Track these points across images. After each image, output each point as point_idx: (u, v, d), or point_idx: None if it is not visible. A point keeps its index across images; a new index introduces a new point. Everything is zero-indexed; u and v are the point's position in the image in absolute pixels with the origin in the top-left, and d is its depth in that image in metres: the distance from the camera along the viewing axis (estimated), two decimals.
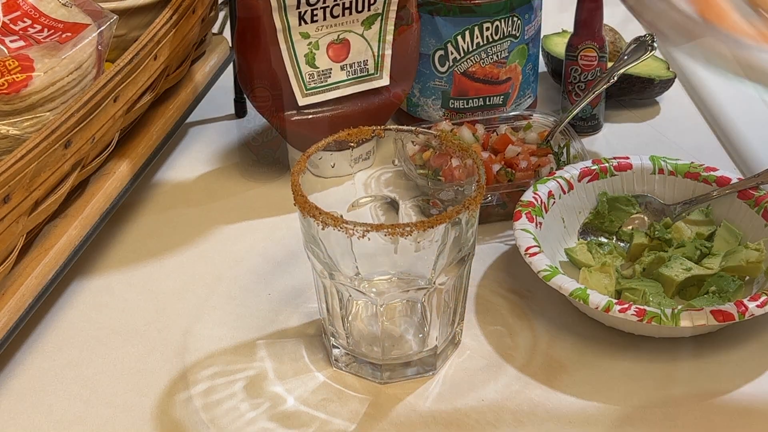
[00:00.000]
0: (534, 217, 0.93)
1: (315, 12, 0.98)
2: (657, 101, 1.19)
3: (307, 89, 1.01)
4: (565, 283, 0.86)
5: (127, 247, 0.99)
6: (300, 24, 0.98)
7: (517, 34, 1.07)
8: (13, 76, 0.87)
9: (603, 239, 0.97)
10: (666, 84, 1.16)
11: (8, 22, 0.93)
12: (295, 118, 1.02)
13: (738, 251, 0.92)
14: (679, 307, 0.85)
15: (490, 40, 1.06)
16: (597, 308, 0.84)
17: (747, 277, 0.91)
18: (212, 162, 1.11)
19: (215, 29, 1.16)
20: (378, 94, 1.04)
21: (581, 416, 0.82)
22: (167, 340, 0.89)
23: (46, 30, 0.93)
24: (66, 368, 0.87)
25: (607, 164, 0.99)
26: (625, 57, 1.05)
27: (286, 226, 1.01)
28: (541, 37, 1.16)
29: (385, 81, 1.04)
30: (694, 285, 0.91)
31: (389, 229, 0.77)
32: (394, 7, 1.01)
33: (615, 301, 0.84)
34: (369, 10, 1.00)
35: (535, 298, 0.93)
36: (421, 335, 0.85)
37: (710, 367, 0.86)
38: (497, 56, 1.08)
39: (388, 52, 1.03)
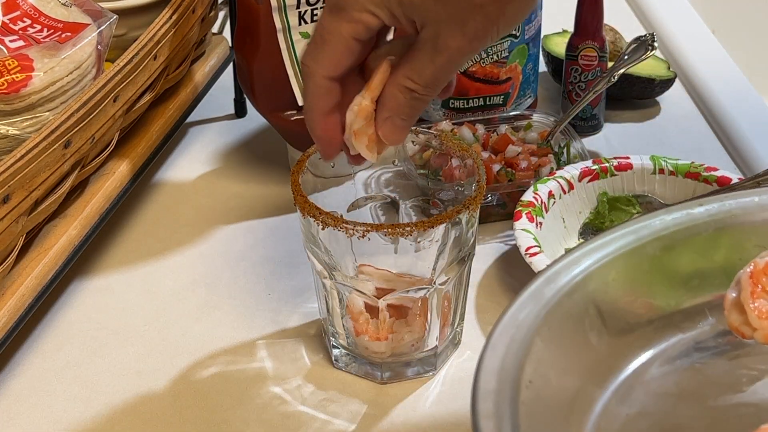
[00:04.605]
0: (534, 217, 0.93)
1: (315, 12, 0.98)
2: (657, 101, 1.19)
3: None
4: None
5: (127, 247, 0.99)
6: (300, 24, 0.98)
7: (517, 34, 1.07)
8: (13, 76, 0.87)
9: None
10: (666, 84, 1.16)
11: (8, 21, 0.93)
12: (295, 118, 1.02)
13: None
14: None
15: None
16: None
17: None
18: (212, 162, 1.11)
19: (215, 29, 1.16)
20: None
21: None
22: (167, 340, 0.89)
23: (45, 30, 0.93)
24: (66, 368, 0.87)
25: (607, 164, 0.98)
26: (625, 57, 1.05)
27: (286, 226, 1.01)
28: (541, 37, 1.16)
29: None
30: None
31: (389, 229, 0.77)
32: None
33: None
34: None
35: None
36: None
37: None
38: (497, 56, 1.08)
39: None
